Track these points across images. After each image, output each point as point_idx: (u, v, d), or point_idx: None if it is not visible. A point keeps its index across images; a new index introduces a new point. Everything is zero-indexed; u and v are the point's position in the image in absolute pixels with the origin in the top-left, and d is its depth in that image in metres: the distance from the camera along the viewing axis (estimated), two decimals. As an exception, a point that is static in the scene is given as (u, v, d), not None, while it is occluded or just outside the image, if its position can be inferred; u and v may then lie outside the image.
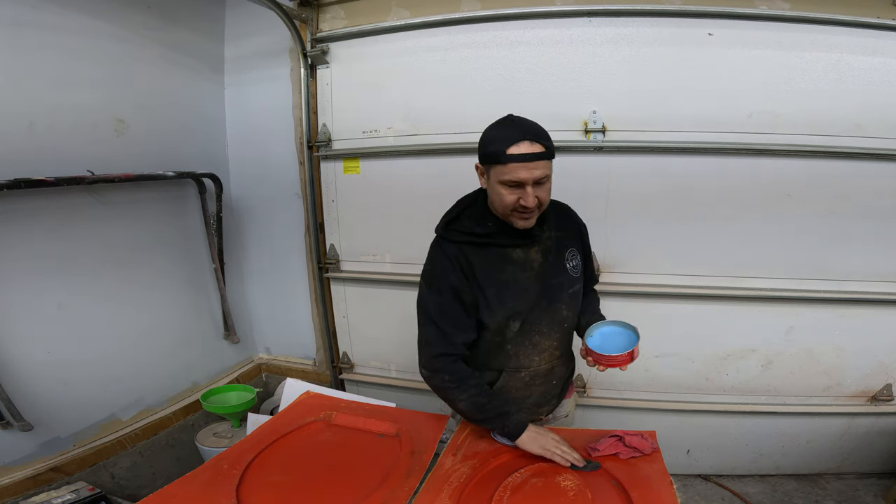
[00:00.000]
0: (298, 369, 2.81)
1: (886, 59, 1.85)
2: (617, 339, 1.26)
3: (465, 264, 1.25)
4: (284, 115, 2.47)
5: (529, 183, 1.13)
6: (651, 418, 2.33)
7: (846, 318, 2.12)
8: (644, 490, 1.11)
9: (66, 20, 1.81)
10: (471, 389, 1.26)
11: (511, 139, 1.12)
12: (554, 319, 1.33)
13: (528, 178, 1.13)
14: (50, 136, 1.78)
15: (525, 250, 1.28)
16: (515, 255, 1.28)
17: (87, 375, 1.95)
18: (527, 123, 1.17)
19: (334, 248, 2.56)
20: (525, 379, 1.36)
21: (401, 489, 1.14)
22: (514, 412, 1.27)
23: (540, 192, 1.16)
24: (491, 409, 1.26)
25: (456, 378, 1.26)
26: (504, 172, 1.14)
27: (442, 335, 1.26)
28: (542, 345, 1.34)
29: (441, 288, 1.26)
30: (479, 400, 1.26)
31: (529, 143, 1.12)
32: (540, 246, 1.30)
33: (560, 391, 1.48)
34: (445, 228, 1.31)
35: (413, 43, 2.19)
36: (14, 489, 1.70)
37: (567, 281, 1.33)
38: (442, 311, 1.26)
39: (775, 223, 2.05)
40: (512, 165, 1.12)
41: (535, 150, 1.12)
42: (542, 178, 1.15)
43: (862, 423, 2.26)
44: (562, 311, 1.34)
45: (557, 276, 1.32)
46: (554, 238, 1.32)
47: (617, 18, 1.98)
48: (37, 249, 1.77)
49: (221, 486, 1.16)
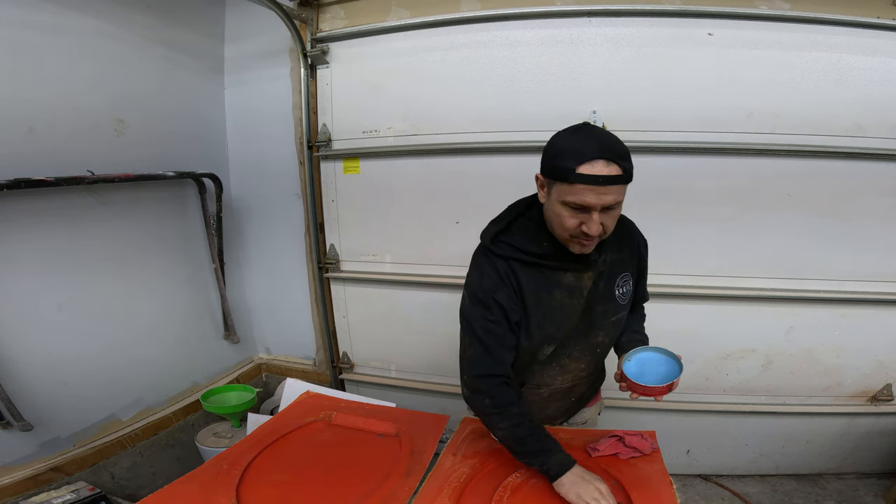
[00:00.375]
0: (298, 369, 2.81)
1: (886, 59, 1.85)
2: (656, 368, 1.17)
3: (514, 283, 1.13)
4: (284, 116, 2.47)
5: (597, 209, 0.99)
6: (651, 418, 2.33)
7: (846, 318, 2.12)
8: (644, 490, 1.11)
9: (66, 20, 1.80)
10: (513, 419, 1.13)
11: (585, 155, 0.96)
12: (588, 345, 1.25)
13: (597, 203, 0.98)
14: (50, 137, 1.78)
15: (577, 275, 1.16)
16: (566, 279, 1.15)
17: (87, 375, 1.95)
18: (607, 138, 1.00)
19: (334, 248, 2.56)
20: (544, 395, 1.33)
21: (401, 489, 1.14)
22: (558, 450, 1.12)
23: (607, 218, 1.02)
24: (532, 443, 1.12)
25: (498, 403, 1.14)
26: (569, 193, 0.99)
27: (487, 354, 1.13)
28: (569, 367, 1.27)
29: (489, 304, 1.13)
30: (519, 432, 1.13)
31: (606, 163, 0.96)
32: (594, 271, 1.17)
33: (580, 405, 1.44)
34: (494, 240, 1.16)
35: (413, 43, 2.19)
36: (14, 489, 1.70)
37: (612, 309, 1.22)
38: (489, 329, 1.13)
39: (775, 223, 2.06)
40: (580, 187, 0.97)
41: (612, 173, 0.96)
42: (614, 203, 1.00)
43: (862, 423, 2.26)
44: (598, 337, 1.25)
45: (603, 304, 1.20)
46: (609, 262, 1.19)
47: (617, 18, 1.97)
48: (37, 249, 1.77)
49: (221, 486, 1.16)
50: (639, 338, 1.31)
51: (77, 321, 1.92)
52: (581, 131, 1.03)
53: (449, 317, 2.40)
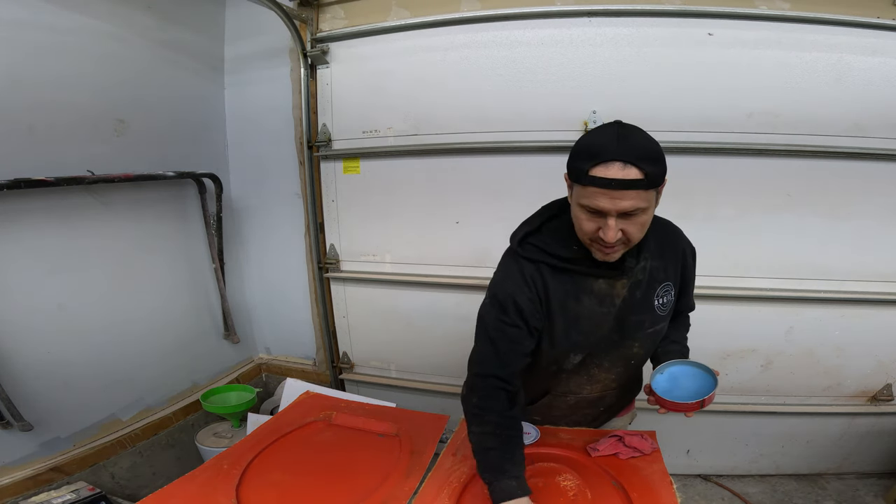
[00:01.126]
0: (298, 369, 2.81)
1: (886, 59, 1.85)
2: (689, 382, 1.12)
3: (540, 287, 1.08)
4: (284, 115, 2.47)
5: (613, 215, 0.92)
6: (651, 418, 2.32)
7: (846, 318, 2.11)
8: (644, 490, 1.11)
9: (66, 20, 1.80)
10: (486, 426, 1.07)
11: (600, 156, 0.90)
12: (621, 356, 1.17)
13: (611, 209, 0.91)
14: (50, 137, 1.78)
15: (610, 283, 1.09)
16: (597, 286, 1.09)
17: (87, 375, 1.95)
18: (632, 138, 0.92)
19: (334, 248, 2.56)
20: (570, 402, 1.29)
21: (401, 489, 1.14)
22: (513, 477, 1.03)
23: (628, 225, 0.94)
24: (493, 457, 1.05)
25: (483, 406, 1.08)
26: (583, 195, 0.94)
27: (494, 355, 1.09)
28: (599, 377, 1.21)
29: (506, 306, 1.08)
30: (487, 442, 1.06)
31: (622, 165, 0.88)
32: (629, 279, 1.09)
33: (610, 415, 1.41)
34: (522, 243, 1.11)
35: (413, 43, 2.18)
36: (14, 489, 1.70)
37: (650, 320, 1.14)
38: (502, 330, 1.08)
39: (775, 223, 2.05)
40: (592, 190, 0.91)
41: (628, 177, 0.88)
42: (634, 210, 0.92)
43: (862, 423, 2.26)
44: (633, 348, 1.17)
45: (640, 314, 1.12)
46: (648, 270, 1.11)
47: (617, 18, 1.97)
48: (37, 249, 1.77)
49: (221, 486, 1.16)
50: (677, 349, 1.23)
51: (77, 321, 1.91)
52: (606, 129, 0.94)
53: (449, 317, 2.42)
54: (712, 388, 1.06)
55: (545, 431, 1.36)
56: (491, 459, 1.05)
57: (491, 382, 1.08)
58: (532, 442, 1.31)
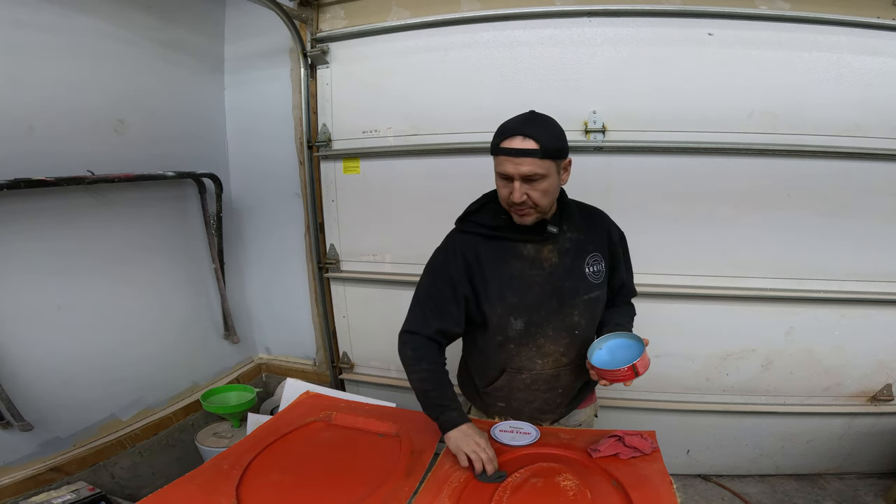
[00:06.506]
0: (298, 369, 2.81)
1: (886, 59, 1.85)
2: (625, 353, 1.21)
3: (471, 257, 1.27)
4: (284, 115, 2.47)
5: (516, 177, 1.15)
6: (651, 418, 2.33)
7: (846, 318, 2.12)
8: (644, 490, 1.11)
9: (66, 20, 1.80)
10: (422, 373, 1.27)
11: (507, 132, 1.16)
12: (563, 324, 1.29)
13: (514, 172, 1.15)
14: (50, 136, 1.78)
15: (537, 247, 1.27)
16: (526, 250, 1.27)
17: (87, 375, 1.95)
18: (533, 121, 1.17)
19: (334, 248, 2.56)
20: (527, 381, 1.34)
21: (401, 489, 1.14)
22: (453, 409, 1.25)
23: (531, 189, 1.16)
24: (433, 397, 1.26)
25: (417, 356, 1.28)
26: (497, 164, 1.19)
27: (422, 315, 1.31)
28: (547, 348, 1.31)
29: (436, 274, 1.31)
30: (424, 385, 1.27)
31: (522, 138, 1.13)
32: (556, 246, 1.28)
33: (570, 400, 1.44)
34: (462, 220, 1.35)
35: (413, 43, 2.19)
36: (14, 489, 1.70)
37: (583, 286, 1.29)
38: (429, 294, 1.31)
39: (775, 223, 2.05)
40: (501, 158, 1.17)
41: (525, 147, 1.13)
42: (532, 175, 1.14)
43: (862, 423, 2.26)
44: (573, 316, 1.30)
45: (573, 281, 1.28)
46: (574, 240, 1.29)
47: (617, 18, 1.98)
48: (37, 249, 1.77)
49: (221, 486, 1.16)
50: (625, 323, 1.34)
51: (77, 321, 1.92)
52: (518, 116, 1.20)
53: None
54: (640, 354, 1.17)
55: (545, 431, 1.36)
56: (431, 399, 1.26)
57: (417, 338, 1.29)
58: (532, 442, 1.31)
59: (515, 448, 1.29)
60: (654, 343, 2.21)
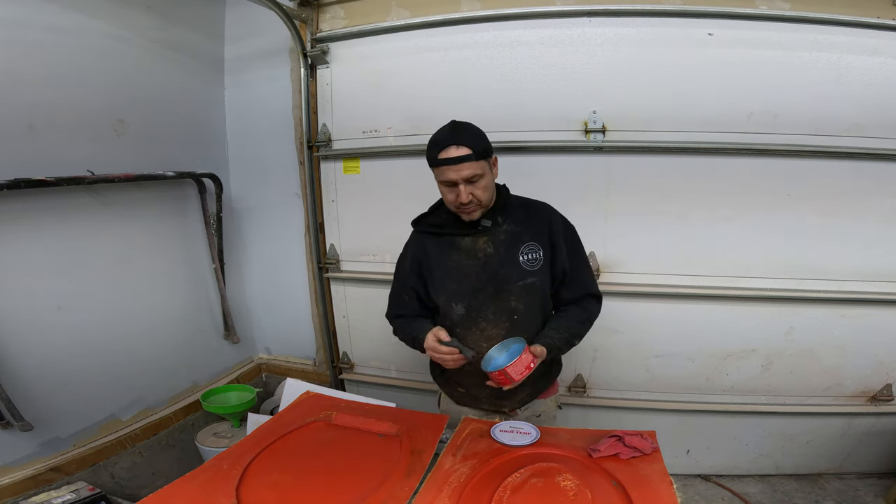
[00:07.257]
0: (298, 369, 2.81)
1: (886, 59, 1.85)
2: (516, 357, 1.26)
3: (421, 252, 1.49)
4: (284, 115, 2.47)
5: (460, 182, 1.28)
6: (651, 418, 2.33)
7: (846, 318, 2.11)
8: (644, 490, 1.11)
9: (65, 20, 1.80)
10: (398, 322, 1.56)
11: (440, 144, 1.28)
12: (501, 308, 1.41)
13: (457, 177, 1.28)
14: (50, 136, 1.78)
15: (473, 240, 1.42)
16: (463, 243, 1.43)
17: (87, 375, 1.95)
18: (459, 129, 1.30)
19: (334, 248, 2.56)
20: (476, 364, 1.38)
21: (401, 489, 1.14)
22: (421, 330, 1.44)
23: (475, 189, 1.30)
24: (409, 331, 1.50)
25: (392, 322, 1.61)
26: (438, 175, 1.33)
27: (396, 304, 1.59)
28: (490, 332, 1.42)
29: (398, 272, 1.58)
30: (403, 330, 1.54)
31: (456, 147, 1.27)
32: (490, 237, 1.41)
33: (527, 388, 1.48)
34: (417, 222, 1.55)
35: (413, 43, 2.19)
36: (14, 489, 1.70)
37: (517, 273, 1.40)
38: (394, 290, 1.59)
39: (775, 223, 2.05)
40: (442, 168, 1.29)
41: (461, 154, 1.26)
42: (472, 176, 1.28)
43: (862, 423, 2.26)
44: (510, 301, 1.41)
45: (506, 268, 1.40)
46: (510, 232, 1.42)
47: (617, 18, 1.98)
48: (37, 249, 1.77)
49: (221, 486, 1.16)
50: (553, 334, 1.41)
51: (77, 321, 1.92)
52: (444, 127, 1.33)
53: (449, 317, 2.41)
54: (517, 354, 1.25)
55: (545, 431, 1.36)
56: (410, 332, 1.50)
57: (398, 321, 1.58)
58: (532, 442, 1.31)
59: (515, 448, 1.29)
60: (654, 343, 2.24)
